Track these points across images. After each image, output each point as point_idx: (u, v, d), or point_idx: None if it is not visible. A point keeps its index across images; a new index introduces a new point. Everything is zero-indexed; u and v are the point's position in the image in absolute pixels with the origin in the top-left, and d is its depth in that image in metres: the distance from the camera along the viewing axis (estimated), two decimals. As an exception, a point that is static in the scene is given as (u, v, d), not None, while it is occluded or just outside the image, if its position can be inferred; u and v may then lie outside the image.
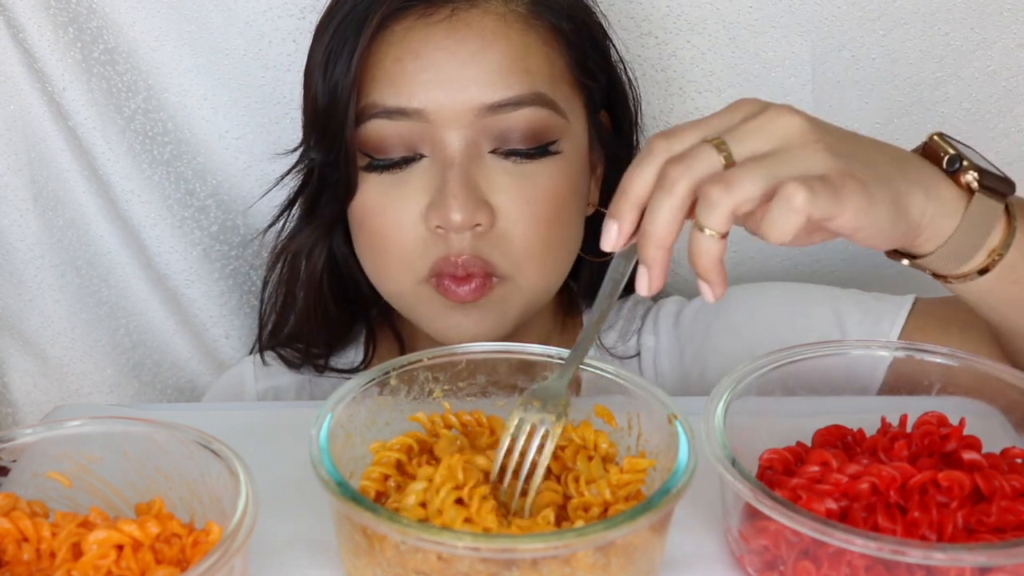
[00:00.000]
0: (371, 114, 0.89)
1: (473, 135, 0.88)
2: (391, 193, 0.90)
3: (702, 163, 0.61)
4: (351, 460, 0.67)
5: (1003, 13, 1.07)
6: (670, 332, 1.02)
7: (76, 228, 1.14)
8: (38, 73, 1.09)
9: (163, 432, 0.66)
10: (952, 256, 0.69)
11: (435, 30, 0.88)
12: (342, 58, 0.89)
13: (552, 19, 0.92)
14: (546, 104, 0.89)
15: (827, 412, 0.73)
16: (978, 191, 0.68)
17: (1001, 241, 0.70)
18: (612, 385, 0.70)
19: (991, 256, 0.70)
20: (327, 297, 1.02)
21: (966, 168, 0.68)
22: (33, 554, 0.62)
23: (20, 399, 1.19)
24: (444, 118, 0.87)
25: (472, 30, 0.88)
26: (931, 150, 0.70)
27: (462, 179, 0.87)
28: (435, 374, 0.71)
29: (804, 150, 0.61)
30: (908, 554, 0.56)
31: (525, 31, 0.90)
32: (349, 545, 0.61)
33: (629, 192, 0.63)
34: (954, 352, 0.74)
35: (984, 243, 0.70)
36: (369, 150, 0.90)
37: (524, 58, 0.89)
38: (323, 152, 0.92)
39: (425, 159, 0.89)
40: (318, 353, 1.05)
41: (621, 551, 0.59)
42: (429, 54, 0.87)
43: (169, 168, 1.14)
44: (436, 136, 0.88)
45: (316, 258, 1.00)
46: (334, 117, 0.89)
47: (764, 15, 1.08)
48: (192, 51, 1.10)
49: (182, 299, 1.18)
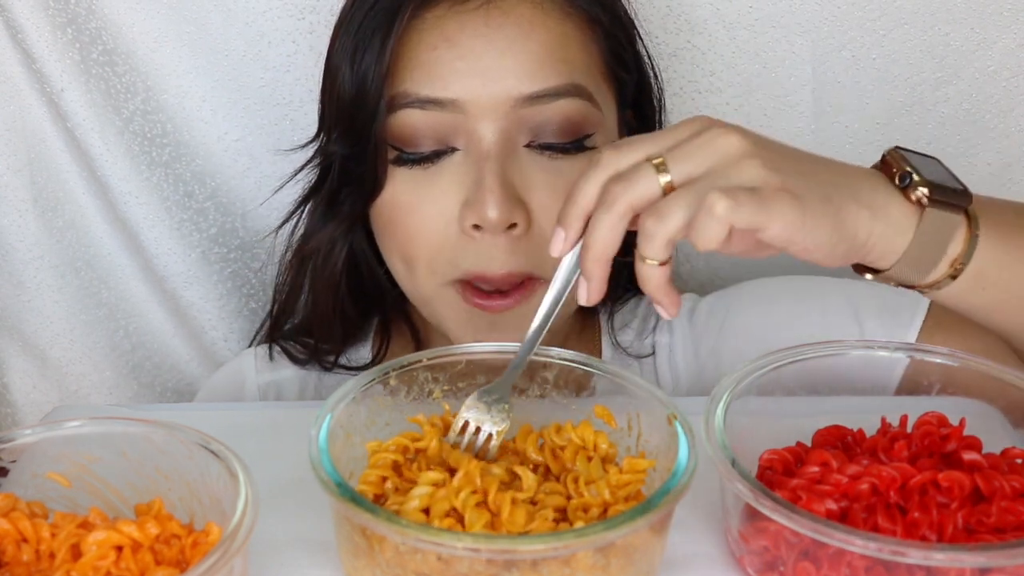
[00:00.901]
0: (402, 104, 0.86)
1: (509, 127, 0.85)
2: (421, 189, 0.87)
3: (641, 184, 0.63)
4: (351, 460, 0.67)
5: (1003, 13, 1.07)
6: (684, 329, 1.00)
7: (75, 229, 1.14)
8: (37, 74, 1.08)
9: (162, 433, 0.66)
10: (912, 269, 0.69)
11: (471, 18, 0.85)
12: (371, 46, 0.86)
13: (588, 8, 0.89)
14: (583, 96, 0.87)
15: (827, 412, 0.73)
16: (929, 207, 0.68)
17: (962, 251, 0.70)
18: (612, 385, 0.70)
19: (953, 266, 0.70)
20: (345, 296, 1.00)
21: (916, 184, 0.68)
22: (32, 555, 0.62)
23: (20, 400, 1.19)
24: (480, 109, 0.84)
25: (509, 18, 0.85)
26: (887, 165, 0.70)
27: (498, 173, 0.84)
28: (435, 374, 0.71)
29: (738, 166, 0.63)
30: (908, 555, 0.56)
31: (563, 20, 0.87)
32: (349, 546, 0.61)
33: (576, 202, 0.65)
34: (954, 352, 0.74)
35: (943, 255, 0.70)
36: (399, 142, 0.87)
37: (562, 48, 0.86)
38: (348, 145, 0.89)
39: (458, 153, 0.86)
40: (328, 350, 1.03)
41: (621, 552, 0.59)
42: (465, 42, 0.85)
43: (168, 170, 1.14)
44: (471, 128, 0.85)
45: (336, 256, 0.97)
46: (363, 108, 0.86)
47: (764, 15, 1.08)
48: (191, 52, 1.10)
49: (181, 301, 1.18)
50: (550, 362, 0.72)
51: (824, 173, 0.67)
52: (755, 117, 1.11)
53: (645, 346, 1.01)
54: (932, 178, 0.69)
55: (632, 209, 0.63)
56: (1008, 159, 1.11)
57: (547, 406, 0.72)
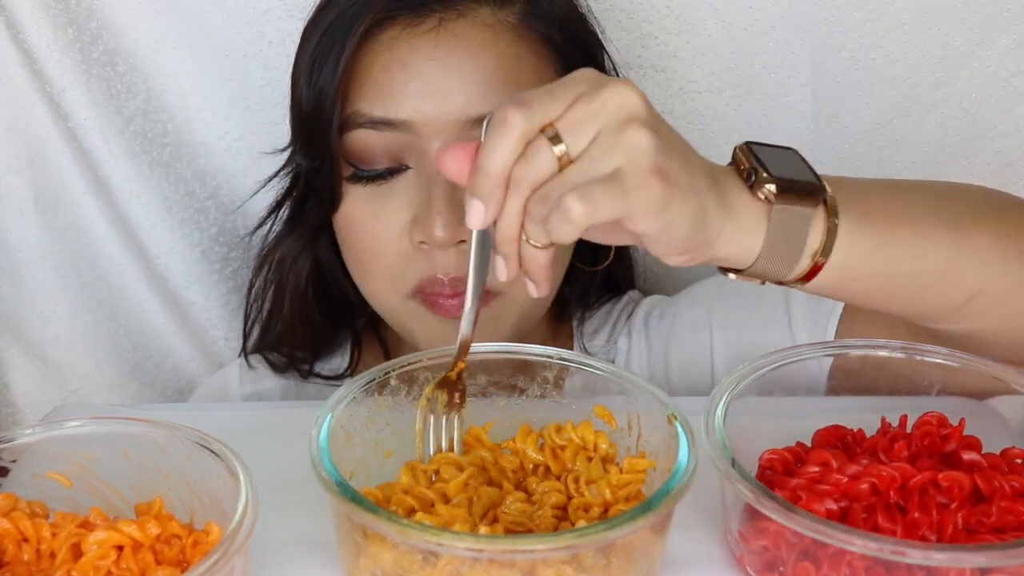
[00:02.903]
0: (356, 123, 0.87)
1: None
2: (375, 205, 0.89)
3: (540, 164, 0.61)
4: (351, 460, 0.67)
5: (1003, 13, 1.06)
6: (641, 333, 1.02)
7: (76, 229, 1.14)
8: (38, 74, 1.08)
9: (163, 432, 0.66)
10: (771, 266, 0.68)
11: (423, 40, 0.87)
12: (328, 64, 0.87)
13: (543, 29, 0.90)
14: None
15: (827, 412, 0.73)
16: (776, 203, 0.66)
17: (821, 244, 0.68)
18: (612, 385, 0.70)
19: (814, 259, 0.68)
20: (312, 305, 1.01)
21: (762, 181, 0.66)
22: (33, 554, 0.62)
23: (20, 400, 1.19)
24: (431, 130, 0.86)
25: (461, 41, 0.87)
26: (735, 162, 0.68)
27: (447, 194, 0.85)
28: (435, 374, 0.71)
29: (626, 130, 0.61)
30: (908, 555, 0.56)
31: (515, 41, 0.88)
32: (349, 545, 0.61)
33: (489, 173, 0.62)
34: (953, 352, 0.74)
35: (803, 249, 0.68)
36: (354, 160, 0.89)
37: (513, 70, 0.87)
38: (308, 158, 0.91)
39: (410, 171, 0.88)
40: (303, 358, 1.05)
41: (621, 552, 0.59)
42: (417, 64, 0.86)
43: (169, 169, 1.14)
44: (422, 148, 0.87)
45: (301, 265, 0.99)
46: (319, 124, 0.88)
47: (764, 15, 1.08)
48: (192, 52, 1.10)
49: (182, 300, 1.18)
50: (550, 362, 0.72)
51: (694, 159, 0.65)
52: (755, 117, 1.11)
53: (610, 351, 1.03)
54: (780, 173, 0.66)
55: (533, 189, 0.62)
56: (1008, 159, 1.11)
57: (547, 406, 0.72)
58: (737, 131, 1.11)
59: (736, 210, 0.66)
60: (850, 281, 0.70)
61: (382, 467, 0.69)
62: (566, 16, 0.93)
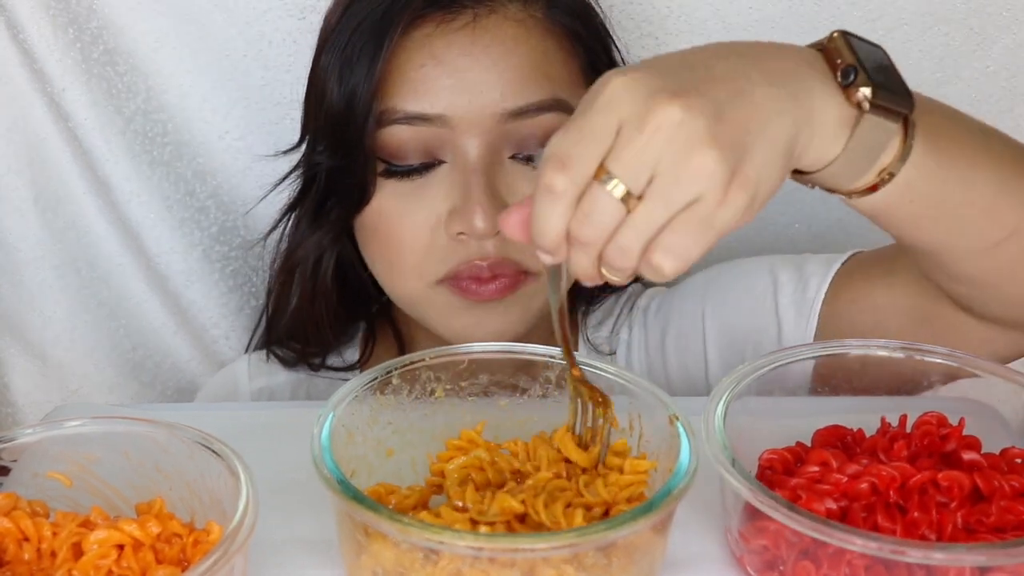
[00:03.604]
0: (391, 120, 0.88)
1: (494, 141, 0.87)
2: (409, 199, 0.89)
3: (605, 219, 0.58)
4: (352, 459, 0.67)
5: (1003, 13, 1.07)
6: (641, 324, 1.03)
7: (76, 229, 1.15)
8: (38, 74, 1.09)
9: (163, 432, 0.66)
10: (840, 177, 0.65)
11: (457, 36, 0.87)
12: (360, 64, 0.87)
13: (567, 23, 0.91)
14: (565, 110, 0.88)
15: (827, 412, 0.73)
16: (868, 112, 0.62)
17: (893, 160, 0.65)
18: (613, 385, 0.70)
19: (881, 175, 0.65)
20: (334, 301, 1.01)
21: (859, 83, 0.62)
22: (34, 554, 0.62)
23: (20, 399, 1.19)
24: (466, 124, 0.87)
25: (494, 37, 0.88)
26: (828, 53, 0.63)
27: (485, 186, 0.86)
28: (437, 373, 0.71)
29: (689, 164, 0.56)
30: (908, 554, 0.56)
31: (544, 37, 0.90)
32: (350, 544, 0.61)
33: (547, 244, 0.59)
34: (954, 352, 0.74)
35: (874, 164, 0.65)
36: (387, 156, 0.89)
37: (545, 64, 0.88)
38: (336, 157, 0.91)
39: (445, 165, 0.89)
40: (315, 352, 1.05)
41: (622, 551, 0.59)
42: (452, 60, 0.87)
43: (169, 169, 1.14)
44: (457, 142, 0.87)
45: (326, 265, 0.99)
46: (351, 123, 0.88)
47: (764, 15, 1.08)
48: (192, 52, 1.10)
49: (182, 300, 1.18)
50: (552, 362, 0.72)
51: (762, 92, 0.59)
52: (755, 117, 1.11)
53: (613, 342, 1.04)
54: (877, 77, 0.62)
55: (604, 242, 0.59)
56: (1008, 159, 1.11)
57: (549, 406, 0.72)
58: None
59: (820, 117, 0.61)
60: (905, 202, 0.67)
61: (384, 466, 0.69)
62: (584, 9, 0.95)
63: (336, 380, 1.04)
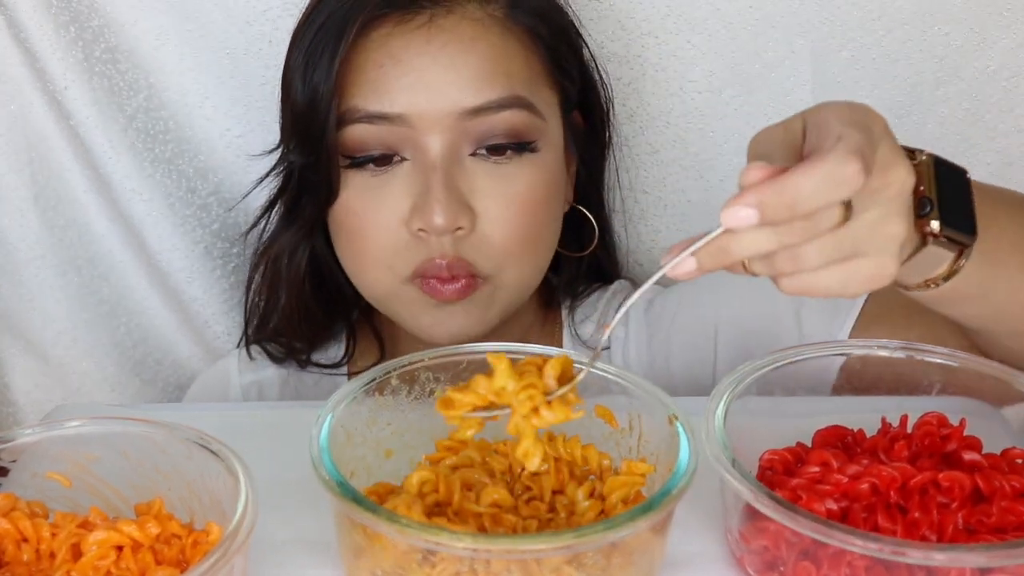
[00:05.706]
0: (352, 119, 0.90)
1: (454, 138, 0.89)
2: (372, 195, 0.91)
3: (825, 223, 0.58)
4: (351, 460, 0.67)
5: (1003, 13, 1.06)
6: (640, 320, 1.03)
7: (77, 227, 1.14)
8: (39, 72, 1.08)
9: (163, 432, 0.66)
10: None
11: (415, 36, 0.89)
12: (322, 63, 0.89)
13: (528, 22, 0.93)
14: (525, 106, 0.90)
15: (827, 412, 0.73)
16: (931, 244, 0.65)
17: (941, 274, 0.68)
18: (613, 385, 0.70)
19: (928, 284, 0.69)
20: (308, 297, 1.03)
21: (931, 217, 0.65)
22: (33, 554, 0.62)
23: (21, 399, 1.19)
24: (425, 122, 0.88)
25: (452, 35, 0.89)
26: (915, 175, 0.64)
27: (444, 183, 0.88)
28: (436, 374, 0.71)
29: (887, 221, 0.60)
30: (908, 555, 0.56)
31: (503, 34, 0.91)
32: (349, 545, 0.61)
33: (731, 254, 0.59)
34: (954, 352, 0.74)
35: (922, 278, 0.68)
36: (350, 154, 0.91)
37: (504, 61, 0.90)
38: (303, 155, 0.93)
39: (406, 162, 0.90)
40: (300, 348, 1.07)
41: (622, 552, 0.59)
42: (410, 59, 0.88)
43: (170, 166, 1.14)
44: (417, 140, 0.89)
45: (299, 259, 1.01)
46: (314, 122, 0.90)
47: (764, 15, 1.08)
48: (193, 50, 1.10)
49: (183, 297, 1.19)
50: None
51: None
52: (755, 117, 1.11)
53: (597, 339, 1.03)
54: (947, 213, 0.65)
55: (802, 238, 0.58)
56: (1008, 159, 1.11)
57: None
58: (737, 131, 1.11)
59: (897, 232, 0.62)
60: (946, 299, 0.71)
61: (382, 467, 0.69)
62: (548, 9, 0.96)
63: (322, 376, 1.06)
